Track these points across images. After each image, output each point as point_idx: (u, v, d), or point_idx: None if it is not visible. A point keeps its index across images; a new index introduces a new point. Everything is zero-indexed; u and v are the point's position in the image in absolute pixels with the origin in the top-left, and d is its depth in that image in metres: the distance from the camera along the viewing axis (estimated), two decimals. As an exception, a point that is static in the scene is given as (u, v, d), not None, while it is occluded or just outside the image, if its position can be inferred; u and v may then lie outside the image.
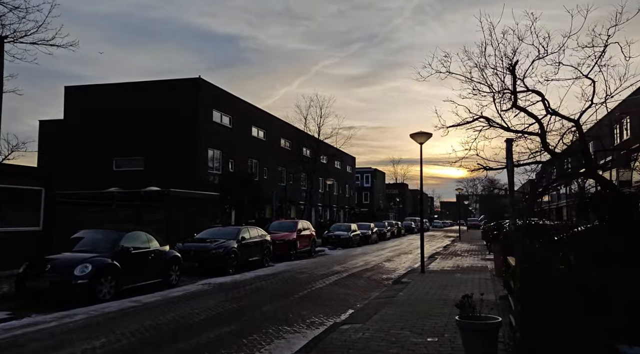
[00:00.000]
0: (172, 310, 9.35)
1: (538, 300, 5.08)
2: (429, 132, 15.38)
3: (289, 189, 39.60)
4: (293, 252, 20.92)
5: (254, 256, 17.53)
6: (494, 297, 10.21)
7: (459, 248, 28.67)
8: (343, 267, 17.61)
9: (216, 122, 29.05)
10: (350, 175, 60.74)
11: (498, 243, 13.85)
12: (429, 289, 11.54)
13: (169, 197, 20.99)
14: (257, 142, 34.47)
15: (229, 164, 30.31)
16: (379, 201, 78.01)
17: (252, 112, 33.89)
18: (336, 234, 29.68)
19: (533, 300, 5.09)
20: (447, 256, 22.63)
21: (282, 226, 22.67)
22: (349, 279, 14.34)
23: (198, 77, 27.66)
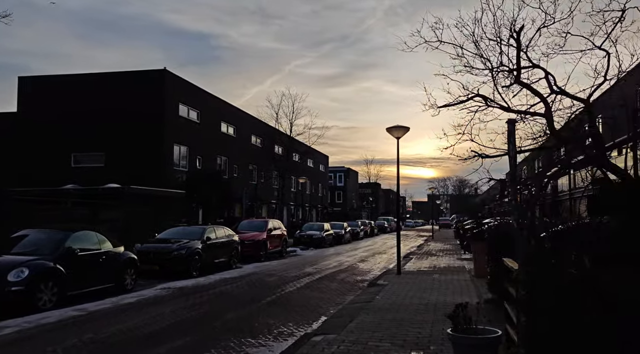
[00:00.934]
0: (121, 320, 8.22)
1: (547, 312, 4.28)
2: (406, 125, 14.62)
3: (260, 187, 38.43)
4: (263, 253, 19.88)
5: (220, 257, 16.44)
6: (476, 300, 9.47)
7: (433, 248, 28.19)
8: (315, 268, 16.70)
9: (183, 116, 27.68)
10: (323, 174, 59.94)
11: (479, 242, 13.19)
12: (407, 292, 10.74)
13: (130, 195, 19.65)
14: (227, 138, 33.20)
15: (196, 160, 28.97)
16: (352, 201, 77.52)
17: (221, 107, 32.59)
18: (308, 233, 28.75)
19: (541, 312, 4.28)
20: (422, 255, 22.01)
21: (252, 225, 21.60)
22: (322, 281, 13.42)
23: (163, 69, 26.25)
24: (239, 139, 34.75)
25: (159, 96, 25.97)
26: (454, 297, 9.89)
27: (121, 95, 26.10)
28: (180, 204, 26.29)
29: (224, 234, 17.30)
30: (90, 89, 26.61)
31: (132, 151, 25.45)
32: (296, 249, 25.83)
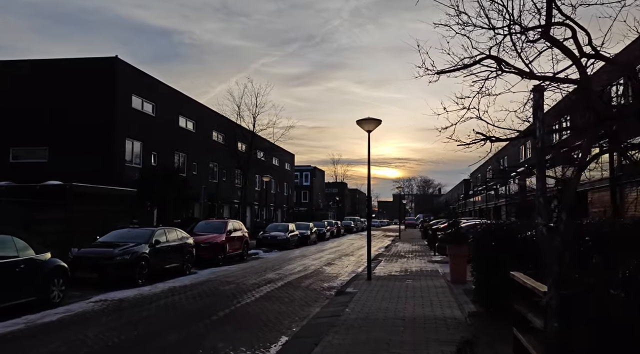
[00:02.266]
0: (25, 348, 6.58)
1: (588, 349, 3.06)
2: (377, 118, 13.42)
3: (222, 186, 36.62)
4: (221, 257, 18.28)
5: (171, 262, 14.78)
6: (460, 313, 8.32)
7: (402, 249, 27.26)
8: (278, 274, 15.27)
9: (136, 109, 25.62)
10: (289, 173, 58.44)
11: (456, 245, 12.11)
12: (380, 302, 9.49)
13: (72, 193, 17.60)
14: (186, 133, 31.24)
15: (151, 157, 26.97)
16: (319, 200, 76.33)
17: (179, 100, 30.60)
18: (272, 235, 27.26)
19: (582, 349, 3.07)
20: (392, 258, 20.95)
21: (210, 226, 19.95)
22: (285, 289, 12.02)
23: (114, 57, 24.16)
24: (199, 135, 32.83)
25: (109, 86, 23.88)
26: (433, 309, 8.71)
27: (67, 84, 23.88)
28: (133, 203, 24.27)
29: (177, 236, 15.63)
30: (32, 78, 24.24)
31: (79, 145, 23.29)
32: (259, 252, 24.31)
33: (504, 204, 36.90)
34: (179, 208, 26.01)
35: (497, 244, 7.17)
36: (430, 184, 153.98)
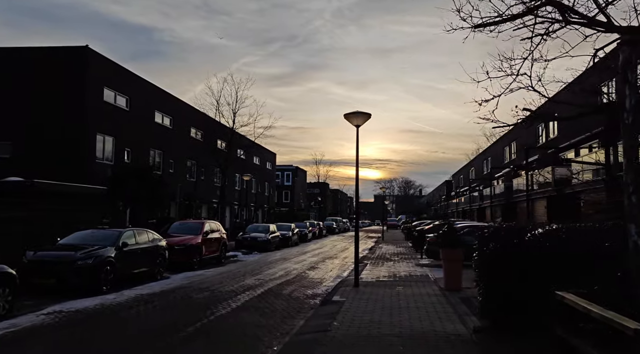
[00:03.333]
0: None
1: None
2: (366, 112, 12.44)
3: (200, 185, 35.25)
4: (197, 260, 17.09)
5: (141, 266, 13.55)
6: (463, 327, 7.38)
7: (386, 251, 26.42)
8: (258, 279, 14.16)
9: (109, 102, 24.16)
10: (270, 172, 57.20)
11: (451, 250, 11.21)
12: (372, 314, 8.50)
13: (33, 191, 16.19)
14: (162, 130, 29.82)
15: (124, 153, 25.52)
16: (300, 201, 75.24)
17: (156, 94, 29.16)
18: (252, 236, 26.08)
19: None
20: (377, 261, 20.03)
21: (185, 227, 18.72)
22: (264, 298, 10.93)
23: (85, 46, 22.68)
24: (176, 131, 31.42)
25: (79, 78, 22.40)
26: (431, 322, 7.76)
27: (33, 75, 22.32)
28: (103, 202, 22.84)
29: (147, 238, 14.40)
30: (-5, 67, 22.60)
31: (46, 140, 21.78)
32: (238, 254, 23.13)
33: (488, 206, 36.42)
34: (153, 208, 24.66)
35: (520, 252, 6.28)
36: (412, 185, 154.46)
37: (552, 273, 5.98)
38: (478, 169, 51.89)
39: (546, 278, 6.01)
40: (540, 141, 30.61)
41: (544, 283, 6.10)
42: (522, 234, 6.63)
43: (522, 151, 33.99)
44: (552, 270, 5.96)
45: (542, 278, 6.11)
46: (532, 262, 6.22)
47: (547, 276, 6.06)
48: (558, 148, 25.94)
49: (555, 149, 26.17)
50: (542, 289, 5.99)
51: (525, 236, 6.55)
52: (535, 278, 6.22)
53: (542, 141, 30.03)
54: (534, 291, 6.23)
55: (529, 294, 6.23)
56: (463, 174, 63.57)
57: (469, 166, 60.02)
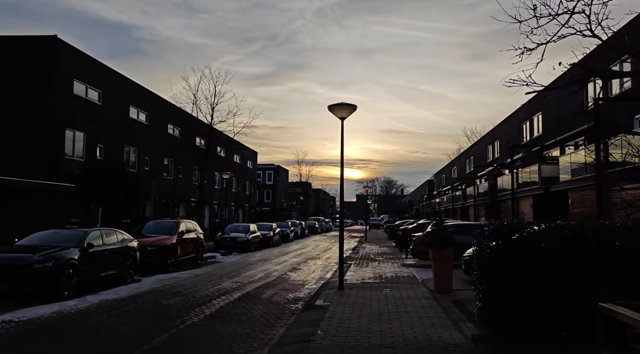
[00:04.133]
0: None
1: None
2: (352, 103, 11.70)
3: (178, 183, 34.07)
4: (171, 262, 16.12)
5: (109, 269, 12.57)
6: (460, 335, 6.67)
7: (370, 250, 25.78)
8: (235, 282, 13.29)
9: (79, 96, 22.90)
10: (252, 171, 56.10)
11: (441, 250, 10.54)
12: (359, 320, 7.74)
13: (-7, 188, 15.05)
14: (137, 126, 28.59)
15: (96, 150, 24.29)
16: (282, 200, 74.28)
17: (130, 89, 27.92)
18: (232, 236, 25.14)
19: None
20: (361, 261, 19.33)
21: (159, 227, 17.71)
22: (242, 303, 10.08)
23: (54, 36, 21.43)
24: (152, 128, 30.21)
25: (46, 69, 21.13)
26: (425, 330, 7.04)
27: (-3, 65, 20.98)
28: (71, 201, 21.65)
29: (116, 239, 13.41)
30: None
31: (10, 135, 20.46)
32: (216, 255, 22.17)
33: (472, 205, 36.11)
34: (127, 207, 23.51)
35: (536, 252, 5.60)
36: (393, 185, 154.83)
37: (573, 276, 5.34)
38: (460, 168, 51.75)
39: (562, 280, 5.36)
40: (524, 139, 30.36)
41: (559, 286, 5.45)
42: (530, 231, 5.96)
43: (506, 149, 33.78)
44: (574, 273, 5.32)
45: (558, 281, 5.45)
46: (545, 263, 5.56)
47: (563, 278, 5.40)
48: (543, 146, 25.65)
49: (540, 146, 25.87)
50: (555, 292, 5.34)
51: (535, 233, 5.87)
52: (549, 280, 5.56)
53: (526, 139, 29.77)
54: (544, 294, 5.57)
55: (539, 298, 5.58)
56: (445, 174, 63.49)
57: (451, 165, 59.93)
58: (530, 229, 6.16)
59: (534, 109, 28.51)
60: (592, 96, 21.16)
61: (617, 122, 17.91)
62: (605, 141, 15.37)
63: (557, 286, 5.66)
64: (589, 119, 20.99)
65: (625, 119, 17.74)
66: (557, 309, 5.56)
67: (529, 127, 29.49)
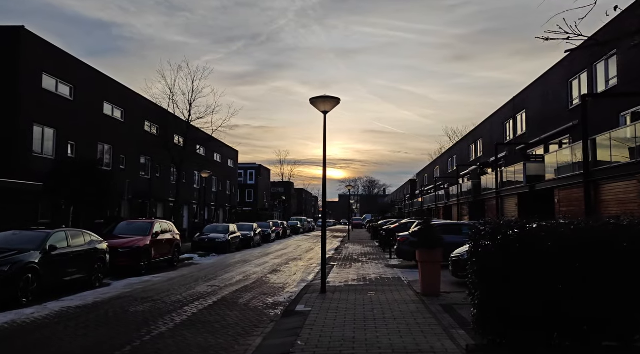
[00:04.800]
0: None
1: None
2: (334, 96, 11.09)
3: (155, 182, 33.04)
4: (144, 264, 15.28)
5: (74, 273, 11.71)
6: (452, 345, 6.09)
7: (353, 251, 25.23)
8: (212, 285, 12.54)
9: (48, 90, 21.78)
10: (232, 170, 55.10)
11: (428, 251, 9.98)
12: (343, 328, 7.12)
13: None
14: (112, 123, 27.49)
15: (68, 147, 23.18)
16: (264, 200, 73.36)
17: (105, 84, 26.79)
18: (210, 237, 24.31)
19: None
20: (344, 262, 18.74)
21: (133, 228, 16.84)
22: (216, 309, 9.36)
23: (20, 27, 20.29)
24: (128, 125, 29.12)
25: (11, 61, 19.98)
26: (415, 338, 6.45)
27: (-41, 57, 19.77)
28: (42, 200, 20.59)
29: (84, 241, 12.54)
30: None
31: (-27, 130, 19.29)
32: (193, 256, 21.33)
33: (455, 204, 35.88)
34: (100, 206, 22.50)
35: (539, 254, 5.04)
36: (376, 185, 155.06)
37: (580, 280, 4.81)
38: (443, 167, 51.65)
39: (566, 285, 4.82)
40: (508, 138, 30.18)
41: (564, 291, 4.91)
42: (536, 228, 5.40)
43: (489, 148, 33.61)
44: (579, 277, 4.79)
45: (562, 285, 4.92)
46: (548, 266, 5.02)
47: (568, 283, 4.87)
48: (528, 144, 25.44)
49: (525, 144, 25.67)
50: (559, 299, 4.81)
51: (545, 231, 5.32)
52: (553, 285, 5.03)
53: (510, 138, 29.59)
54: (547, 301, 5.04)
55: (541, 305, 5.04)
56: (428, 173, 63.44)
57: (433, 165, 59.88)
58: (530, 227, 5.61)
59: (518, 107, 28.34)
60: (577, 93, 20.98)
61: (603, 119, 17.69)
62: (594, 138, 15.08)
63: (561, 291, 5.13)
64: (574, 116, 20.82)
65: (611, 116, 17.53)
66: (561, 317, 5.04)
67: (513, 125, 29.32)
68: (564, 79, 22.09)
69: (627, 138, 13.92)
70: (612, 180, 13.67)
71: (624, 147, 13.72)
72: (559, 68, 22.60)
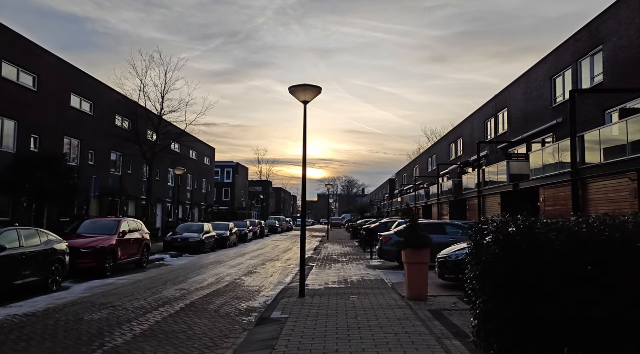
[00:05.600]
0: None
1: None
2: (315, 85, 10.29)
3: (127, 179, 31.68)
4: (109, 266, 14.20)
5: (29, 276, 10.62)
6: (449, 359, 5.36)
7: (333, 251, 24.49)
8: (181, 289, 11.58)
9: (9, 79, 20.32)
10: (209, 168, 53.73)
11: (415, 252, 9.27)
12: (324, 339, 6.32)
13: None
14: (80, 116, 26.08)
15: (30, 141, 21.78)
16: (241, 199, 72.07)
17: (72, 75, 25.36)
18: (184, 236, 23.22)
19: None
20: (324, 262, 17.97)
21: (98, 226, 15.71)
22: (183, 316, 8.45)
23: (-22, 10, 18.93)
24: (98, 119, 27.72)
25: (-32, 47, 18.59)
26: (405, 351, 5.69)
27: None
28: (0, 197, 19.24)
29: (39, 241, 11.43)
30: None
31: None
32: (165, 257, 20.24)
33: (436, 203, 35.50)
34: (65, 203, 21.20)
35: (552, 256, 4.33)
36: (355, 185, 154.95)
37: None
38: (423, 167, 51.40)
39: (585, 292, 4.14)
40: (489, 137, 29.89)
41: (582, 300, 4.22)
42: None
43: (470, 147, 33.32)
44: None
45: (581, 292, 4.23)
46: (564, 269, 4.33)
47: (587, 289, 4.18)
48: (510, 143, 25.13)
49: (507, 143, 25.35)
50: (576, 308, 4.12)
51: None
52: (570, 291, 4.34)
53: (491, 137, 29.30)
54: (563, 310, 4.35)
55: (556, 315, 4.36)
56: (407, 173, 63.22)
57: (413, 164, 59.66)
58: (539, 224, 4.91)
59: (500, 105, 28.04)
60: (561, 91, 20.67)
61: (589, 118, 17.34)
62: (582, 135, 14.66)
63: (580, 299, 4.44)
64: (558, 115, 20.49)
65: (597, 114, 17.20)
66: (577, 329, 4.37)
67: (494, 124, 29.02)
68: (547, 77, 21.78)
69: (616, 136, 13.51)
70: (601, 178, 13.23)
71: (614, 144, 13.31)
72: (543, 65, 22.29)
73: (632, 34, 15.38)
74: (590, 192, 13.90)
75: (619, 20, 16.18)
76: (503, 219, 4.98)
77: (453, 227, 16.00)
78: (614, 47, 16.32)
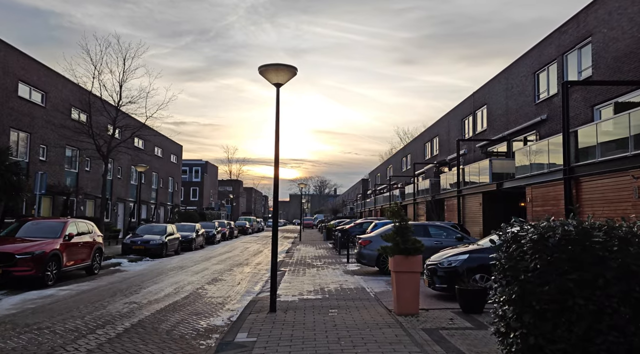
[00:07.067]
0: None
1: None
2: (290, 64, 8.85)
3: (84, 177, 29.42)
4: (52, 273, 12.36)
5: (-60, 290, 8.76)
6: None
7: (306, 253, 23.10)
8: (130, 303, 9.91)
9: (-57, 63, 18.14)
10: (176, 166, 51.41)
11: (404, 257, 7.95)
12: (301, 376, 4.89)
13: None
14: (30, 107, 23.80)
15: (-31, 132, 19.52)
16: (210, 199, 69.78)
17: (20, 62, 23.06)
18: (144, 239, 21.33)
19: None
20: (297, 267, 16.54)
21: (40, 229, 13.80)
22: (125, 341, 6.84)
23: None
24: (50, 111, 25.46)
25: None
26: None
27: None
28: None
29: (-42, 246, 9.57)
30: None
31: None
32: (122, 262, 18.38)
33: (411, 203, 34.53)
34: (7, 201, 19.01)
35: None
36: (327, 185, 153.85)
37: None
38: (397, 166, 50.57)
39: None
40: (466, 135, 29.07)
41: None
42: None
43: (446, 146, 32.49)
44: None
45: None
46: None
47: None
48: (490, 140, 24.29)
49: (487, 141, 24.50)
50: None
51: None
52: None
53: (469, 135, 28.47)
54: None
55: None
56: (380, 172, 62.40)
57: (386, 164, 58.85)
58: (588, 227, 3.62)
59: (478, 103, 27.21)
60: (545, 86, 19.85)
61: (576, 114, 16.51)
62: (575, 131, 13.72)
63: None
64: (541, 111, 19.65)
65: (585, 109, 16.37)
66: None
67: (473, 122, 28.19)
68: (529, 72, 20.96)
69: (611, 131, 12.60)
70: (598, 176, 12.27)
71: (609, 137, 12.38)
72: (525, 60, 21.46)
73: (624, 24, 14.56)
74: (584, 192, 12.94)
75: (609, 9, 15.36)
76: (548, 224, 3.66)
77: (436, 228, 14.82)
78: (604, 38, 15.50)
